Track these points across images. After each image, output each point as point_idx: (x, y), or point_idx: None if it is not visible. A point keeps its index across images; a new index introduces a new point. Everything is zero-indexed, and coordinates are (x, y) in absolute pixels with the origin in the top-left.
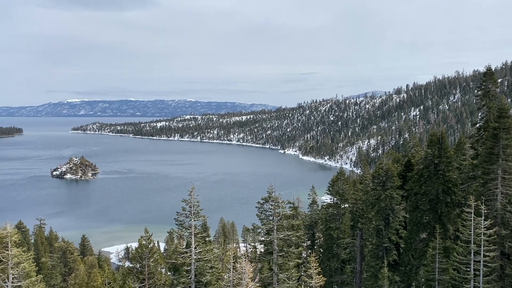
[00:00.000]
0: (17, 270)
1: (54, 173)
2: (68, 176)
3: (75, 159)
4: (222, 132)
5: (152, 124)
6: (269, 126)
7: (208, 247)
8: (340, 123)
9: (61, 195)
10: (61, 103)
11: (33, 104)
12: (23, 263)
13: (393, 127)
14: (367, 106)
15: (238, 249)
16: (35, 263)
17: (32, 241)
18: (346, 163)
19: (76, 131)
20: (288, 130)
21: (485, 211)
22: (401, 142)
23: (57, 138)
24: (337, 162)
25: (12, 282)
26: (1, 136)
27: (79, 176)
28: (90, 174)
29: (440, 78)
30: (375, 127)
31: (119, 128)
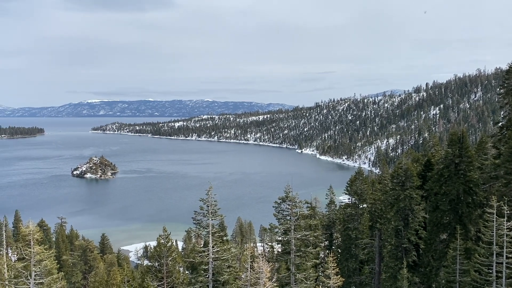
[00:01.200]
0: (39, 268)
1: (75, 172)
2: (88, 175)
3: (95, 158)
4: (239, 131)
5: (170, 124)
6: (286, 125)
7: (225, 246)
8: (358, 122)
9: (81, 194)
10: (81, 103)
11: (54, 104)
12: (45, 260)
13: (413, 126)
14: (386, 105)
15: (255, 249)
16: (56, 261)
17: (54, 239)
18: (365, 163)
19: (95, 131)
20: (305, 129)
21: (508, 211)
22: (421, 141)
23: (77, 138)
24: (355, 161)
25: (34, 279)
26: (24, 136)
27: (98, 176)
28: (110, 174)
29: (461, 76)
30: (394, 126)
31: (137, 128)
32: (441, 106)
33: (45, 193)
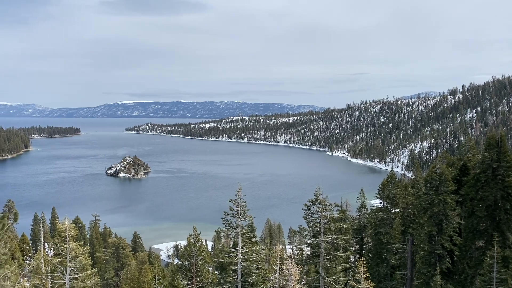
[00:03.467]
0: (74, 263)
1: (109, 171)
2: (121, 174)
3: (128, 158)
4: (269, 133)
5: (201, 125)
6: (316, 127)
7: (254, 248)
8: (391, 124)
9: (115, 193)
10: (115, 104)
11: (90, 105)
12: (80, 256)
13: (448, 129)
14: (420, 107)
15: (284, 251)
16: (90, 257)
17: (88, 236)
18: (397, 166)
19: (129, 132)
20: (336, 131)
21: None
22: (456, 145)
23: (111, 138)
24: (388, 165)
25: (69, 275)
26: (61, 136)
27: (132, 175)
28: (142, 173)
29: (500, 78)
30: (428, 129)
31: (170, 129)
32: (478, 108)
33: (81, 191)
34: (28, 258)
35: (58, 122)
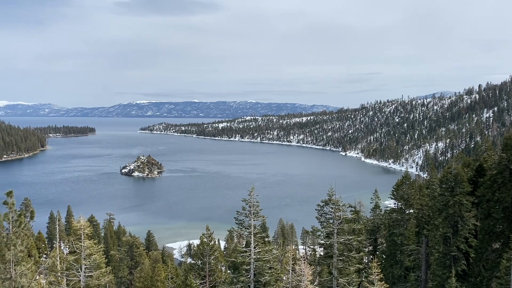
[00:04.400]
0: (89, 261)
1: (123, 170)
2: (135, 173)
3: (142, 157)
4: (282, 133)
5: (214, 125)
6: (330, 127)
7: (267, 248)
8: (405, 125)
9: (129, 192)
10: (130, 104)
11: (105, 105)
12: (95, 254)
13: (463, 130)
14: (435, 107)
15: (297, 251)
16: (104, 255)
17: (102, 234)
18: (412, 167)
19: (143, 131)
20: (350, 131)
21: None
22: (472, 145)
23: (126, 138)
24: (402, 165)
25: (84, 272)
26: (76, 135)
27: (145, 174)
28: (156, 172)
29: None
30: (443, 129)
31: (183, 129)
32: (495, 108)
33: (95, 189)
34: (44, 256)
35: (73, 122)
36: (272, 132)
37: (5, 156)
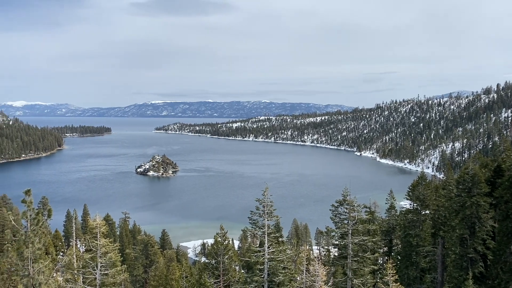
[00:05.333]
0: (104, 259)
1: (138, 170)
2: (150, 173)
3: (157, 157)
4: (296, 133)
5: (228, 124)
6: (344, 127)
7: (281, 248)
8: (421, 124)
9: (144, 191)
10: (145, 104)
11: (121, 105)
12: (110, 253)
13: (481, 130)
14: (452, 107)
15: (311, 252)
16: (120, 254)
17: (118, 233)
18: (428, 167)
19: (158, 131)
20: (365, 131)
21: None
22: (490, 145)
23: (141, 137)
24: (418, 166)
25: (100, 270)
26: (93, 135)
27: (160, 173)
28: (171, 172)
29: None
30: (460, 129)
31: (197, 129)
32: None
33: (111, 188)
34: (61, 254)
35: (90, 122)
36: (286, 132)
37: (23, 155)
